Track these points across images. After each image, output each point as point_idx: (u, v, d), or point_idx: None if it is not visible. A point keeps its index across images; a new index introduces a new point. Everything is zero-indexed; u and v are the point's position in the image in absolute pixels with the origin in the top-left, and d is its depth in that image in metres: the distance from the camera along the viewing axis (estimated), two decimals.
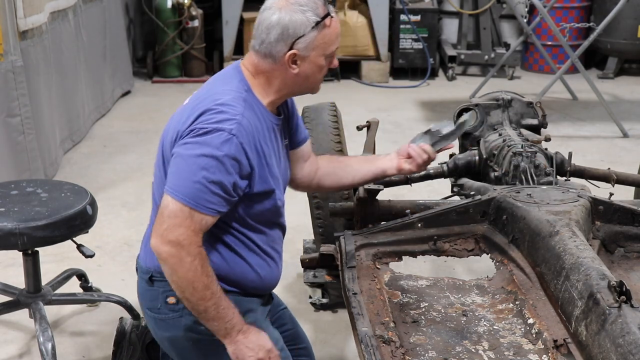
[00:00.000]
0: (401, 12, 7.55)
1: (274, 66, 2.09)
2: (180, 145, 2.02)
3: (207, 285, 2.01)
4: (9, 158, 4.45)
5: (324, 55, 2.10)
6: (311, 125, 3.20)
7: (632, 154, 5.50)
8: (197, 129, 2.00)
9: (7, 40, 4.35)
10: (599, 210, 2.63)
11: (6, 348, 3.19)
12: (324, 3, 2.08)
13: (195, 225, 1.98)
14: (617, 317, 1.84)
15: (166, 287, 2.09)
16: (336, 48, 2.14)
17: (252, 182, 2.06)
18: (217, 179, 1.98)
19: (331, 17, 2.08)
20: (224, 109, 2.02)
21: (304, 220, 3.60)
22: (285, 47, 2.05)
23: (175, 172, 2.01)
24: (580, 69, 6.39)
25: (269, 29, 2.05)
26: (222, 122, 1.99)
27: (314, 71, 2.12)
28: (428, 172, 3.40)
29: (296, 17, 2.04)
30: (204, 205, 1.98)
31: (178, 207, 1.98)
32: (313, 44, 2.06)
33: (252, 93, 2.11)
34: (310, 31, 2.05)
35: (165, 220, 1.99)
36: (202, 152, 1.98)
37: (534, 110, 3.52)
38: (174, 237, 1.97)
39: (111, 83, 6.52)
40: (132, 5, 7.49)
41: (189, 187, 1.97)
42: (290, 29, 2.04)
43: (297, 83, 2.13)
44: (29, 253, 3.06)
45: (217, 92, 2.08)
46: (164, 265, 2.01)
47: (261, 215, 2.14)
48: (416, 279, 2.50)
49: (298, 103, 2.38)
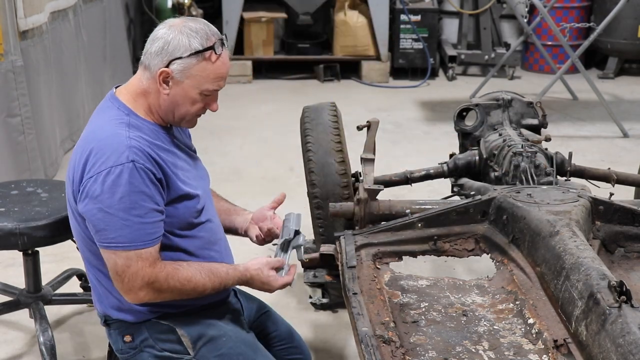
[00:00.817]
0: (401, 12, 7.55)
1: (150, 82, 2.07)
2: (92, 201, 1.98)
3: (194, 287, 2.08)
4: (9, 158, 4.45)
5: (198, 90, 2.07)
6: (311, 125, 3.20)
7: (632, 154, 5.50)
8: (95, 176, 1.97)
9: (7, 40, 4.35)
10: (599, 210, 2.63)
11: (6, 348, 3.19)
12: (218, 39, 2.07)
13: (147, 260, 2.01)
14: (617, 317, 1.84)
15: (120, 327, 2.16)
16: (214, 89, 2.09)
17: (166, 190, 2.06)
18: (147, 208, 1.99)
19: (217, 54, 2.06)
20: (108, 142, 1.99)
21: (304, 220, 3.60)
22: (161, 63, 2.04)
23: (104, 227, 1.98)
24: (580, 69, 6.39)
25: (153, 41, 2.06)
26: (113, 157, 1.97)
27: (185, 101, 2.08)
28: (428, 172, 3.41)
29: (180, 37, 2.03)
30: (146, 240, 2.00)
31: (124, 257, 1.99)
32: (189, 71, 2.04)
33: (135, 114, 2.09)
34: (189, 57, 2.03)
35: (121, 276, 2.01)
36: (119, 195, 1.96)
37: (534, 110, 3.53)
38: (140, 284, 2.01)
39: (111, 83, 6.51)
40: (132, 5, 7.49)
41: (127, 234, 1.98)
42: (170, 46, 2.03)
43: (168, 107, 2.10)
44: (29, 253, 3.06)
45: (96, 128, 2.06)
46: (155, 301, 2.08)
47: (186, 221, 2.13)
48: (416, 279, 2.50)
49: (297, 103, 2.37)
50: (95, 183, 1.97)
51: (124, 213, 1.97)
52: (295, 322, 2.71)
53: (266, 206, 2.44)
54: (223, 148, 5.56)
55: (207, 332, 2.16)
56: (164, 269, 2.03)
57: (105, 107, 2.13)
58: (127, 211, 1.97)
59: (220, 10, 7.48)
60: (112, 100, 2.12)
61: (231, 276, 2.16)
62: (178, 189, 2.08)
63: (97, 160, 1.98)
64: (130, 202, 1.97)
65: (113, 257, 2.00)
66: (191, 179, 2.15)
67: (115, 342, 2.20)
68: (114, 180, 1.96)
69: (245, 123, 6.16)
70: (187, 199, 2.11)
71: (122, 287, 2.04)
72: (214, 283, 2.12)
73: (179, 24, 2.06)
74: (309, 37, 7.75)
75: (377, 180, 3.10)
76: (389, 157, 5.13)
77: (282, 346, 2.41)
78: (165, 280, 2.03)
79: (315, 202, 3.12)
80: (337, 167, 3.07)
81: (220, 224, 2.31)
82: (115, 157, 1.97)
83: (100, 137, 2.02)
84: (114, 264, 2.01)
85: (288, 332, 2.46)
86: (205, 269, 2.11)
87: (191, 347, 2.14)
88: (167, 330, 2.14)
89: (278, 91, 7.29)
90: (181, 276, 2.06)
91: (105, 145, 1.99)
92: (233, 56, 7.46)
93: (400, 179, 3.37)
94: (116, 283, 2.05)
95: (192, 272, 2.08)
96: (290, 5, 7.50)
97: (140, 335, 2.15)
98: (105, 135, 2.02)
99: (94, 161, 1.99)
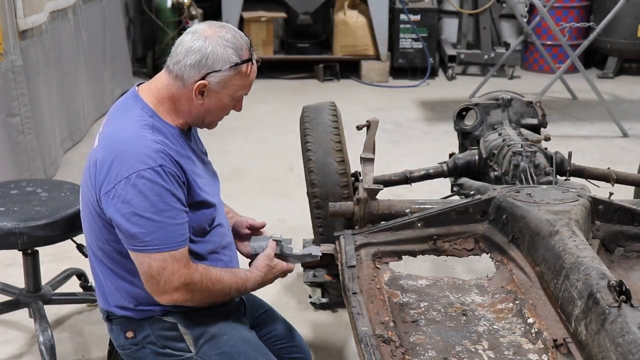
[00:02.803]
0: (401, 12, 7.55)
1: (181, 90, 2.06)
2: (124, 205, 1.97)
3: (222, 288, 2.12)
4: (9, 158, 4.45)
5: (231, 97, 2.09)
6: (311, 125, 3.20)
7: (632, 153, 5.50)
8: (124, 180, 1.95)
9: (7, 39, 4.35)
10: (599, 209, 2.63)
11: (6, 348, 3.19)
12: (249, 47, 2.07)
13: (182, 261, 2.02)
14: (616, 316, 1.84)
15: (122, 323, 2.17)
16: (246, 94, 2.13)
17: (186, 196, 2.06)
18: (178, 209, 2.01)
19: (251, 64, 2.07)
20: (135, 144, 1.98)
21: (304, 220, 3.60)
22: (197, 75, 2.03)
23: (139, 231, 1.98)
24: (580, 68, 6.39)
25: (188, 53, 2.03)
26: (141, 160, 1.96)
27: (217, 108, 2.10)
28: (428, 171, 3.41)
29: (218, 50, 2.02)
30: (178, 241, 2.01)
31: (160, 260, 2.00)
32: (227, 83, 2.05)
33: (158, 116, 2.08)
34: (227, 70, 2.03)
35: (157, 278, 2.02)
36: (152, 199, 1.96)
37: (534, 110, 3.53)
38: (177, 285, 2.03)
39: (111, 83, 6.52)
40: (132, 5, 7.49)
41: (161, 237, 1.98)
42: (209, 59, 2.02)
43: (199, 115, 2.11)
44: (29, 253, 3.06)
45: (120, 129, 2.04)
46: (190, 305, 2.11)
47: (200, 227, 2.13)
48: (416, 279, 2.50)
49: (297, 103, 2.38)
50: (126, 187, 1.96)
51: (158, 215, 1.97)
52: (295, 321, 2.70)
53: (244, 222, 2.40)
54: (224, 148, 5.56)
55: (209, 330, 2.16)
56: (197, 269, 2.06)
57: (128, 106, 2.11)
58: (160, 213, 1.97)
59: (219, 10, 7.48)
60: (135, 100, 2.10)
61: (250, 278, 2.20)
62: (197, 195, 2.09)
63: (125, 163, 1.97)
64: (163, 204, 1.97)
65: (147, 260, 2.00)
66: (207, 186, 2.16)
67: (117, 338, 2.20)
68: (145, 183, 1.95)
69: (245, 123, 6.16)
70: (205, 206, 2.12)
71: (157, 289, 2.03)
72: (238, 285, 2.16)
73: (213, 34, 2.03)
74: (308, 37, 7.75)
75: (377, 179, 3.10)
76: (389, 156, 5.13)
77: (282, 345, 2.42)
78: (200, 280, 2.05)
79: (314, 201, 3.12)
80: (337, 166, 3.07)
81: (229, 227, 2.31)
82: (144, 160, 1.96)
83: (125, 138, 2.00)
84: (148, 267, 2.01)
85: (288, 331, 2.47)
86: (229, 271, 2.16)
87: (193, 344, 2.14)
88: (170, 328, 2.14)
89: (278, 91, 7.29)
90: (212, 276, 2.09)
91: (131, 148, 1.98)
92: None
93: (400, 178, 3.38)
94: (150, 285, 2.04)
95: (220, 272, 2.12)
96: (290, 5, 7.51)
97: (143, 331, 2.15)
98: (131, 136, 2.00)
99: (121, 165, 1.97)
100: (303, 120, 3.26)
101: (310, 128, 3.18)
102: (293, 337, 2.46)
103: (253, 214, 2.81)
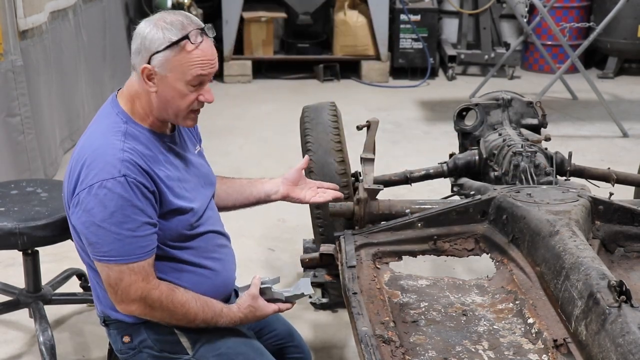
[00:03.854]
0: (401, 12, 7.55)
1: (139, 84, 2.05)
2: (84, 214, 1.97)
3: (186, 313, 2.07)
4: (9, 158, 4.45)
5: (183, 81, 2.02)
6: (311, 125, 3.20)
7: (632, 153, 5.50)
8: (87, 188, 1.95)
9: (7, 39, 4.35)
10: (599, 209, 2.63)
11: (6, 348, 3.19)
12: (197, 28, 2.01)
13: (140, 274, 2.00)
14: (617, 316, 1.84)
15: (119, 327, 2.16)
16: (200, 75, 2.02)
17: (158, 204, 2.04)
18: (139, 221, 1.98)
19: (193, 43, 2.00)
20: (102, 153, 1.97)
21: (304, 220, 3.60)
22: (142, 60, 2.01)
23: (97, 241, 1.98)
24: (580, 68, 6.39)
25: (134, 39, 2.03)
26: (105, 169, 1.95)
27: (174, 95, 2.04)
28: (428, 171, 3.41)
29: (155, 32, 2.00)
30: (137, 254, 1.99)
31: (117, 271, 1.99)
32: (169, 64, 2.00)
33: (133, 121, 2.07)
34: (166, 50, 1.99)
35: (114, 288, 2.02)
36: (111, 210, 1.95)
37: (534, 110, 3.53)
38: (133, 297, 2.01)
39: (111, 83, 6.52)
40: (132, 5, 7.48)
41: (118, 248, 1.97)
42: (147, 41, 2.00)
43: (160, 106, 2.06)
44: (29, 253, 3.06)
45: (92, 137, 2.04)
46: (145, 318, 2.09)
47: (178, 233, 2.11)
48: (416, 279, 2.50)
49: (297, 103, 2.38)
50: (88, 195, 1.96)
51: (116, 227, 1.96)
52: (295, 321, 2.70)
53: (293, 170, 2.47)
54: (224, 148, 5.56)
55: (206, 332, 2.15)
56: (159, 287, 2.03)
57: (106, 112, 2.11)
58: (118, 225, 1.96)
59: (220, 10, 7.48)
60: (113, 105, 2.10)
61: (225, 315, 2.14)
62: (170, 203, 2.06)
63: (90, 172, 1.97)
64: (122, 216, 1.95)
65: (106, 269, 2.01)
66: (189, 191, 2.12)
67: (114, 342, 2.21)
68: (106, 194, 1.94)
69: (245, 123, 6.16)
70: (180, 213, 2.09)
71: (115, 297, 2.04)
72: (206, 315, 2.10)
73: (157, 19, 2.03)
74: (308, 37, 7.75)
75: (377, 180, 3.10)
76: (389, 156, 5.13)
77: (282, 345, 2.41)
78: (158, 298, 2.03)
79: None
80: (337, 166, 3.07)
81: (223, 231, 2.28)
82: (108, 170, 1.95)
83: (94, 146, 2.00)
84: (107, 276, 2.02)
85: (288, 331, 2.46)
86: (201, 300, 2.10)
87: (190, 347, 2.14)
88: (166, 332, 2.13)
89: (278, 91, 7.29)
90: (175, 299, 2.05)
91: (99, 156, 1.98)
92: (233, 56, 7.47)
93: (400, 178, 3.37)
94: (109, 293, 2.05)
95: (188, 298, 2.07)
96: (290, 5, 7.50)
97: (139, 336, 2.14)
98: (100, 145, 2.00)
99: (87, 172, 1.97)
100: (303, 120, 3.26)
101: (310, 128, 3.19)
102: (293, 338, 2.46)
103: (253, 213, 2.82)
